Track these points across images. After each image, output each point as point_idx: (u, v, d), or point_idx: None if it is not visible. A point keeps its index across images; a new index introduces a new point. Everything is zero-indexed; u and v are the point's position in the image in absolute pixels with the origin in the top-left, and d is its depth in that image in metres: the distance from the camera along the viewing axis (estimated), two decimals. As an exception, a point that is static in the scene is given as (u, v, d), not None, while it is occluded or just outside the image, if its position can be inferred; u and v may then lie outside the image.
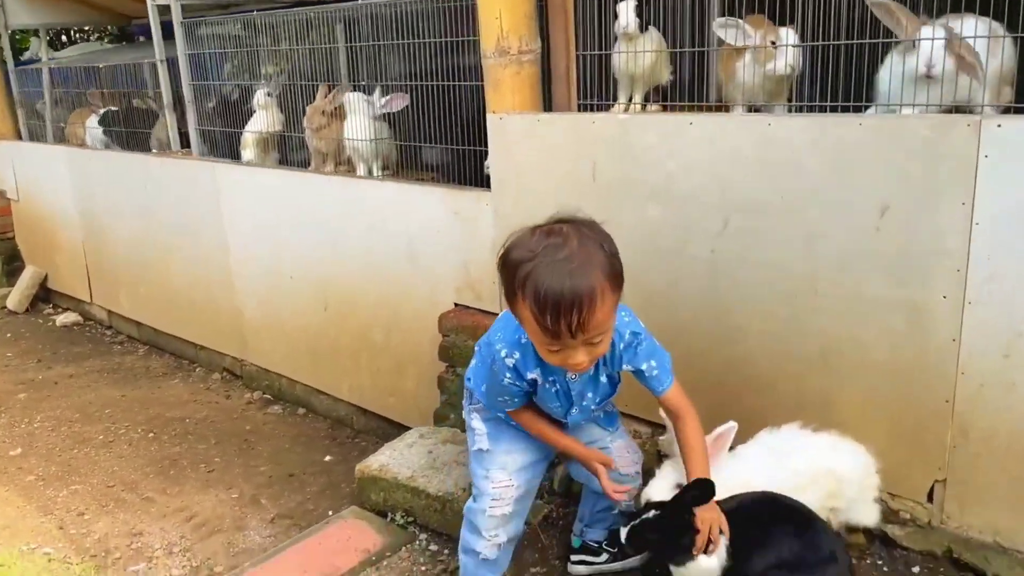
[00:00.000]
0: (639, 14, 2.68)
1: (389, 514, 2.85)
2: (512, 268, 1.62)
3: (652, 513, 1.87)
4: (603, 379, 1.93)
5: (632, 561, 2.22)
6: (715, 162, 2.28)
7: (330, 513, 3.02)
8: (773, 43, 2.40)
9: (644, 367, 1.89)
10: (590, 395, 1.94)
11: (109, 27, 7.96)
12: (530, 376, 1.87)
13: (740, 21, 2.33)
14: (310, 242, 3.87)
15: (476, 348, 2.06)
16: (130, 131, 5.48)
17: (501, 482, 2.04)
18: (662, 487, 2.01)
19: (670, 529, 1.82)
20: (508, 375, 1.86)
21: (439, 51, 3.25)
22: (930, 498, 2.07)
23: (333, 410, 4.17)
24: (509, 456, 2.07)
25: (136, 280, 5.33)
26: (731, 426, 2.04)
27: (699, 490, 1.79)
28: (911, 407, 2.05)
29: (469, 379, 2.11)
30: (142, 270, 5.22)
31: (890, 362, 2.06)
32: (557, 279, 1.55)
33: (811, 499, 1.91)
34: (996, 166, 1.81)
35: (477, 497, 2.08)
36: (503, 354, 1.85)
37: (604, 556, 2.25)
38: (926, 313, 1.97)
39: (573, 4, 2.73)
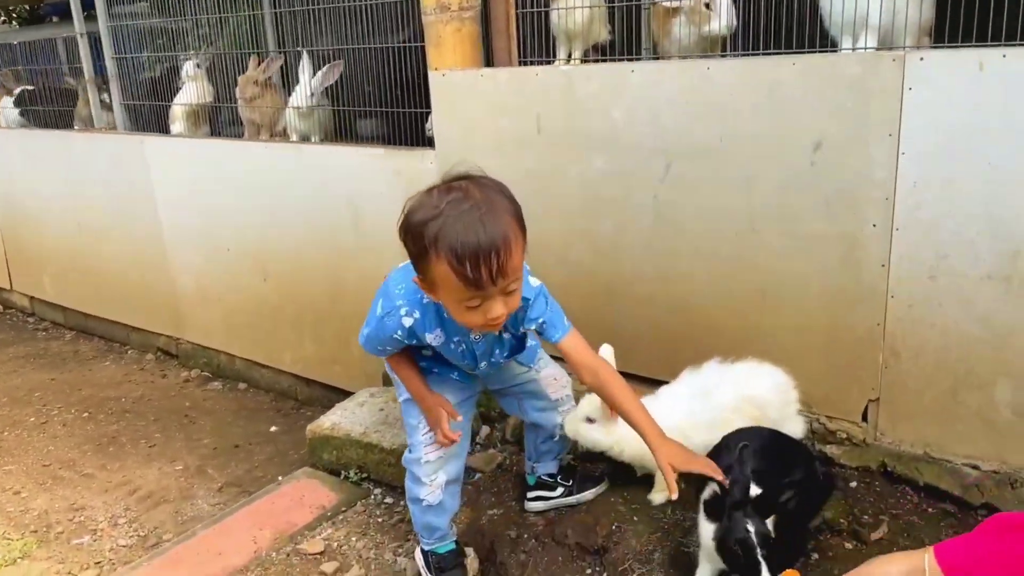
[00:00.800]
0: None
1: (342, 472, 2.86)
2: (418, 229, 1.59)
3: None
4: (506, 337, 1.96)
5: (587, 495, 2.28)
6: (656, 109, 2.36)
7: (280, 478, 3.01)
8: (707, 5, 2.50)
9: (543, 316, 1.89)
10: (497, 352, 1.98)
11: (18, 8, 7.61)
12: (428, 339, 1.87)
13: None
14: (248, 212, 3.82)
15: (377, 294, 1.97)
16: (48, 110, 5.29)
17: (425, 425, 2.07)
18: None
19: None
20: (399, 333, 1.86)
21: (372, 15, 3.26)
22: (864, 418, 2.20)
23: (276, 383, 4.13)
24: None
25: (62, 264, 5.15)
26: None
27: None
28: (845, 333, 2.17)
29: None
30: (68, 253, 5.04)
31: (825, 292, 2.18)
32: (471, 228, 1.55)
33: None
34: (919, 98, 1.93)
35: (412, 447, 2.10)
36: (403, 311, 1.84)
37: (560, 490, 2.30)
38: (857, 242, 2.09)
39: (511, -39, 2.77)
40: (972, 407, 2.03)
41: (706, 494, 1.74)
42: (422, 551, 2.21)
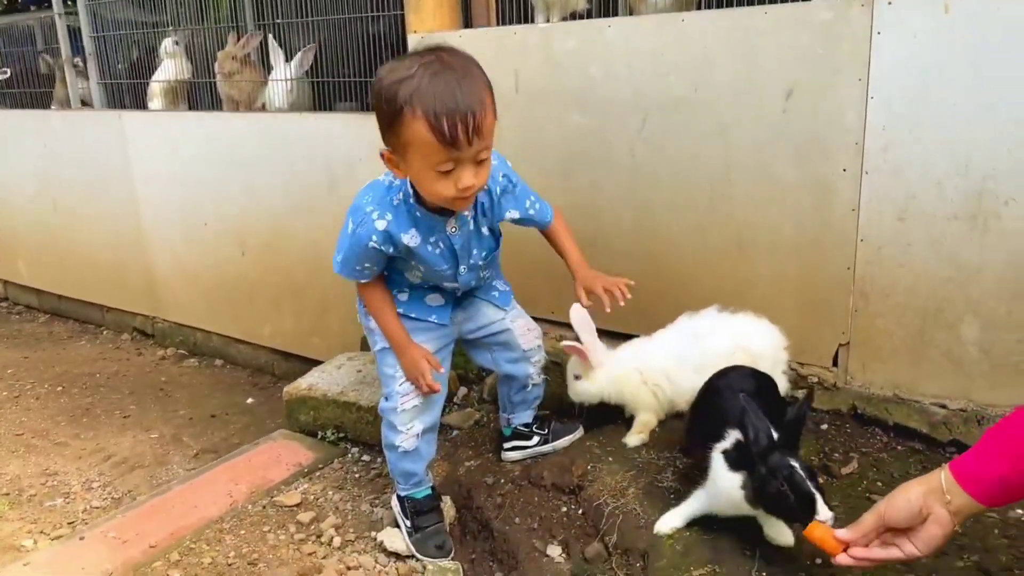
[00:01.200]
0: None
1: (320, 432, 2.86)
2: (393, 88, 1.58)
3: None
4: (484, 231, 1.97)
5: (563, 442, 2.30)
6: (632, 63, 2.40)
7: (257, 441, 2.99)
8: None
9: (527, 204, 2.00)
10: (475, 251, 1.97)
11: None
12: (404, 240, 1.84)
13: None
14: (226, 186, 3.82)
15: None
16: (25, 92, 5.25)
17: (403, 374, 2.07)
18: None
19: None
20: (375, 238, 1.82)
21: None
22: (835, 362, 2.23)
23: (253, 359, 4.12)
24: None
25: (36, 246, 5.10)
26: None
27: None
28: (816, 279, 2.21)
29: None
30: (43, 235, 5.00)
31: (797, 239, 2.22)
32: (447, 86, 1.56)
33: None
34: (887, 42, 1.98)
35: (389, 395, 2.09)
36: (374, 216, 1.81)
37: (536, 439, 2.32)
38: (828, 187, 2.13)
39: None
40: (940, 347, 2.07)
41: (725, 444, 1.67)
42: (398, 497, 2.21)
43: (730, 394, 1.75)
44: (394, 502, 2.24)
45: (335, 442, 2.81)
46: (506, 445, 2.36)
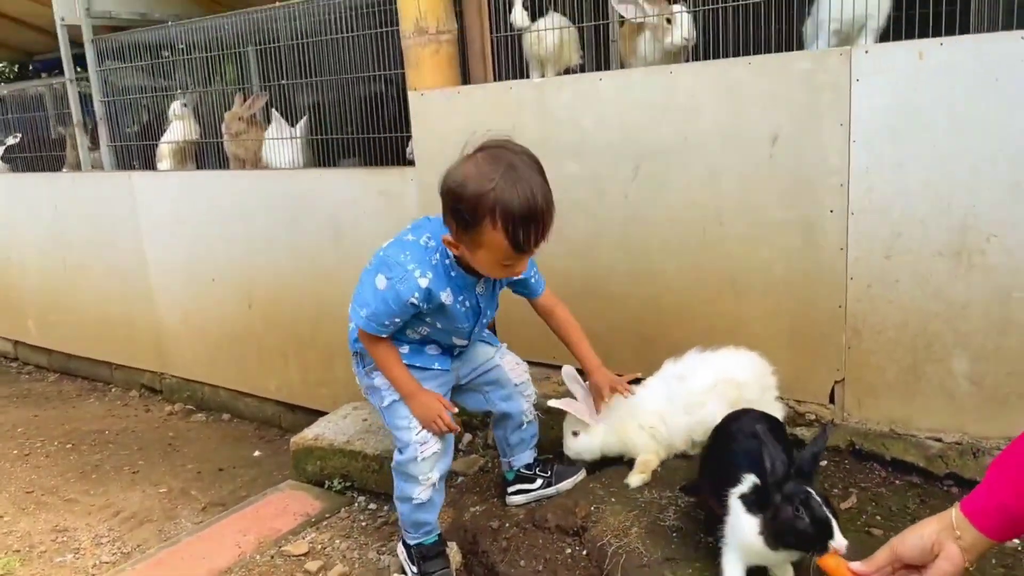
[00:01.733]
0: (528, 6, 2.94)
1: (326, 482, 2.89)
2: (475, 200, 1.74)
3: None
4: (497, 292, 2.11)
5: (566, 484, 2.32)
6: (624, 114, 2.49)
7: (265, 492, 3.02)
8: (668, 20, 2.66)
9: (531, 273, 2.15)
10: (489, 311, 2.11)
11: (7, 67, 7.80)
12: (442, 297, 1.95)
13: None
14: (232, 241, 3.91)
15: (362, 279, 2.06)
16: (35, 156, 5.40)
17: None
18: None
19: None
20: (416, 295, 1.91)
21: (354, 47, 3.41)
22: (832, 399, 2.27)
23: (260, 412, 4.16)
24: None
25: (46, 306, 5.19)
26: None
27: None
28: (809, 316, 2.26)
29: (352, 326, 2.11)
30: (53, 295, 5.09)
31: (789, 277, 2.28)
32: (526, 200, 1.73)
33: (716, 409, 2.03)
34: (866, 89, 2.07)
35: (403, 449, 2.12)
36: (416, 273, 1.90)
37: (539, 482, 2.34)
38: (817, 227, 2.20)
39: (486, -12, 2.93)
40: (933, 381, 2.11)
41: (742, 488, 1.65)
42: (405, 544, 2.23)
43: (742, 437, 1.77)
44: (400, 549, 2.26)
45: (342, 491, 2.83)
46: (510, 490, 2.39)
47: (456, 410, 2.14)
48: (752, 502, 1.63)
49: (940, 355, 2.09)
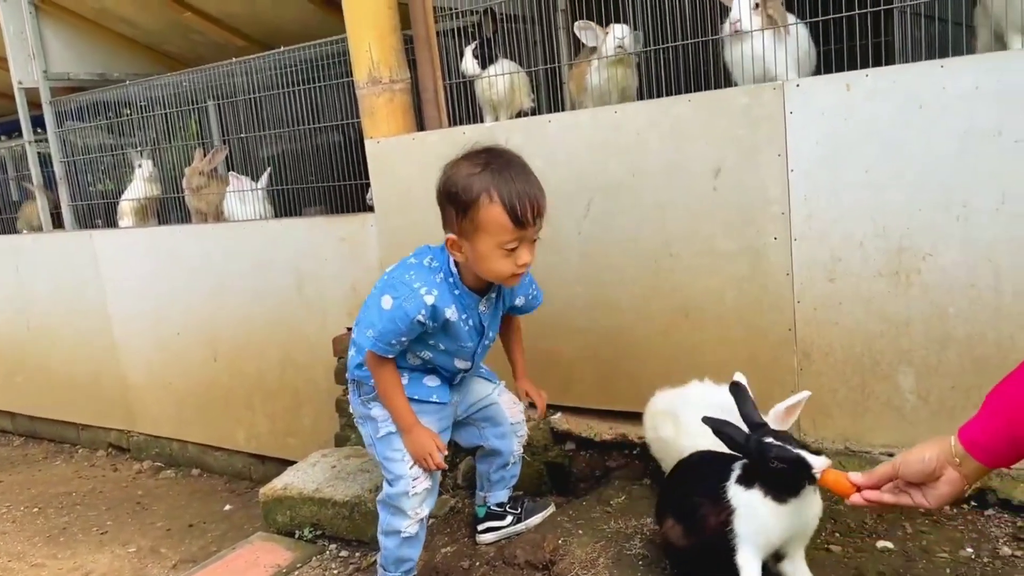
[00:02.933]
0: (478, 54, 3.03)
1: (297, 531, 2.87)
2: (468, 181, 1.86)
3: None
4: (500, 313, 2.16)
5: (535, 519, 2.35)
6: (574, 153, 2.57)
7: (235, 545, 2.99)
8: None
9: (530, 291, 2.20)
10: (491, 332, 2.15)
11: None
12: (447, 314, 1.99)
13: (592, 24, 2.72)
14: (196, 294, 3.92)
15: (367, 303, 2.08)
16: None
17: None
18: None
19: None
20: (423, 312, 1.95)
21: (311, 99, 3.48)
22: (788, 420, 2.33)
23: (229, 465, 4.13)
24: None
25: (10, 368, 5.12)
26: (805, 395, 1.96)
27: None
28: (761, 341, 2.33)
29: (354, 348, 2.16)
30: (16, 357, 5.03)
31: (739, 304, 2.35)
32: (518, 177, 1.87)
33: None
34: (799, 120, 2.16)
35: (394, 482, 2.12)
36: (422, 291, 1.95)
37: (509, 519, 2.36)
38: (762, 255, 2.28)
39: (436, 38, 3.02)
40: (881, 398, 2.18)
41: (735, 476, 1.72)
42: (382, 584, 2.23)
43: (701, 466, 1.87)
44: (376, 588, 2.26)
45: (313, 540, 2.82)
46: (480, 527, 2.40)
47: (447, 452, 2.15)
48: (745, 478, 1.70)
49: (886, 372, 2.16)
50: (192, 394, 4.11)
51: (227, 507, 3.76)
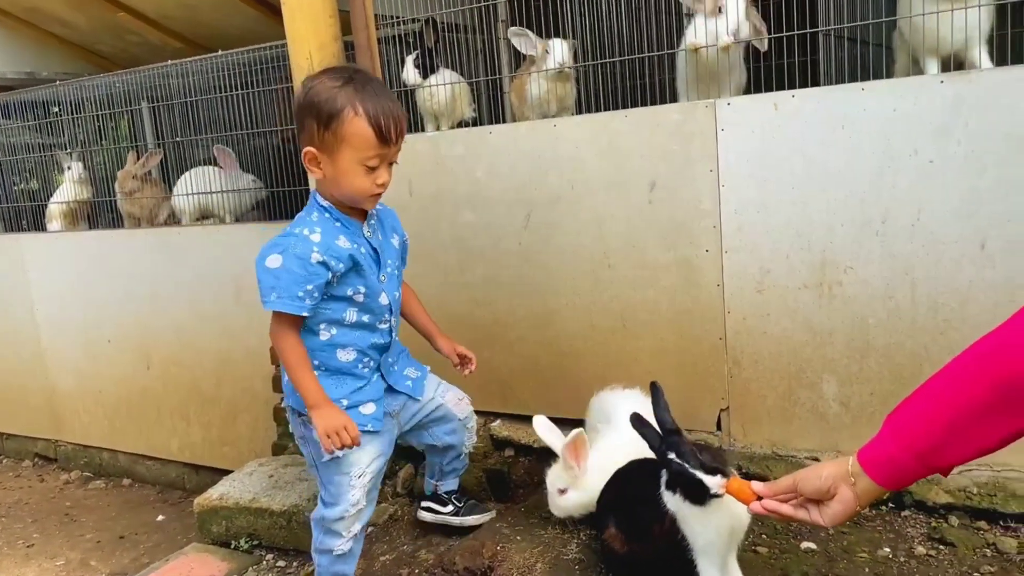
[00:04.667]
0: (419, 64, 3.05)
1: (233, 542, 2.84)
2: (331, 94, 1.83)
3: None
4: (393, 241, 2.12)
5: (471, 519, 2.38)
6: (514, 164, 2.61)
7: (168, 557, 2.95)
8: (546, 50, 2.82)
9: (405, 236, 2.20)
10: (391, 261, 2.08)
11: None
12: (339, 244, 1.92)
13: (528, 31, 2.76)
14: (129, 301, 3.84)
15: (257, 276, 1.98)
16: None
17: (359, 481, 2.09)
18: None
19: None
20: (316, 249, 1.88)
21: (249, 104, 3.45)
22: (719, 426, 2.41)
23: (162, 475, 4.05)
24: (362, 452, 2.09)
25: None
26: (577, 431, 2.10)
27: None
28: (694, 350, 2.40)
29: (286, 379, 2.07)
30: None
31: (673, 314, 2.42)
32: (382, 94, 1.87)
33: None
34: (730, 137, 2.24)
35: (331, 504, 2.10)
36: (305, 232, 1.90)
37: (450, 508, 2.41)
38: (695, 266, 2.35)
39: (376, 45, 3.03)
40: (806, 405, 2.27)
41: (663, 482, 1.75)
42: (318, 599, 2.23)
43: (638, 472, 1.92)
44: (312, 603, 2.25)
45: (249, 550, 2.79)
46: (423, 504, 2.46)
47: (357, 434, 2.01)
48: (670, 483, 1.72)
49: (811, 380, 2.25)
50: (124, 402, 4.01)
51: (160, 518, 3.68)
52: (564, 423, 2.70)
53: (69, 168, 4.27)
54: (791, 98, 2.17)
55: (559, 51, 2.73)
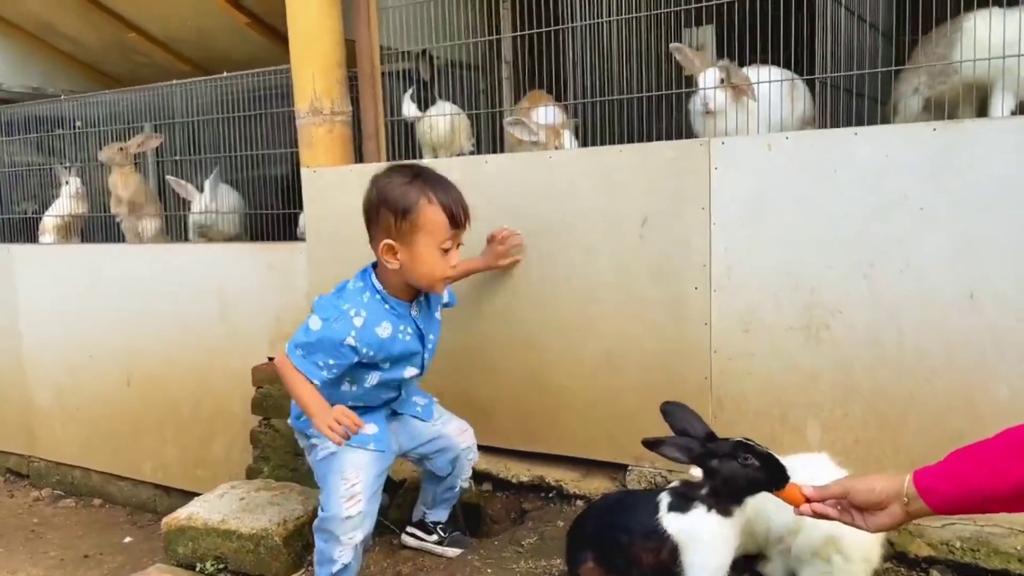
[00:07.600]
0: (416, 98, 3.09)
1: (198, 564, 2.76)
2: (403, 189, 2.01)
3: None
4: (436, 316, 2.25)
5: (452, 551, 2.35)
6: (509, 194, 2.61)
7: (130, 577, 2.87)
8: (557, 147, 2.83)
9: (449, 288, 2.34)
10: (431, 336, 2.21)
11: None
12: (378, 332, 2.05)
13: (525, 120, 2.77)
14: (113, 316, 3.80)
15: (309, 316, 2.08)
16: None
17: (354, 478, 2.11)
18: None
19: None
20: (353, 334, 2.00)
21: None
22: (701, 468, 2.37)
23: (134, 496, 3.97)
24: (358, 454, 2.15)
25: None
26: None
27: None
28: (679, 388, 2.36)
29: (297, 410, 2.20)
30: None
31: (660, 351, 2.39)
32: (448, 184, 2.07)
33: None
34: (723, 176, 2.25)
35: (327, 506, 2.12)
36: (351, 312, 2.02)
37: (434, 537, 2.41)
38: (683, 303, 2.34)
39: (380, 75, 3.07)
40: (790, 449, 2.21)
41: (664, 501, 1.76)
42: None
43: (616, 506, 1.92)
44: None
45: (214, 574, 2.72)
46: (408, 529, 2.47)
47: (366, 428, 2.09)
48: (678, 505, 1.74)
49: (795, 424, 2.22)
50: (101, 420, 3.95)
51: (127, 539, 3.60)
52: (543, 458, 2.67)
53: (67, 183, 4.28)
54: (785, 139, 2.18)
55: (566, 139, 2.77)
